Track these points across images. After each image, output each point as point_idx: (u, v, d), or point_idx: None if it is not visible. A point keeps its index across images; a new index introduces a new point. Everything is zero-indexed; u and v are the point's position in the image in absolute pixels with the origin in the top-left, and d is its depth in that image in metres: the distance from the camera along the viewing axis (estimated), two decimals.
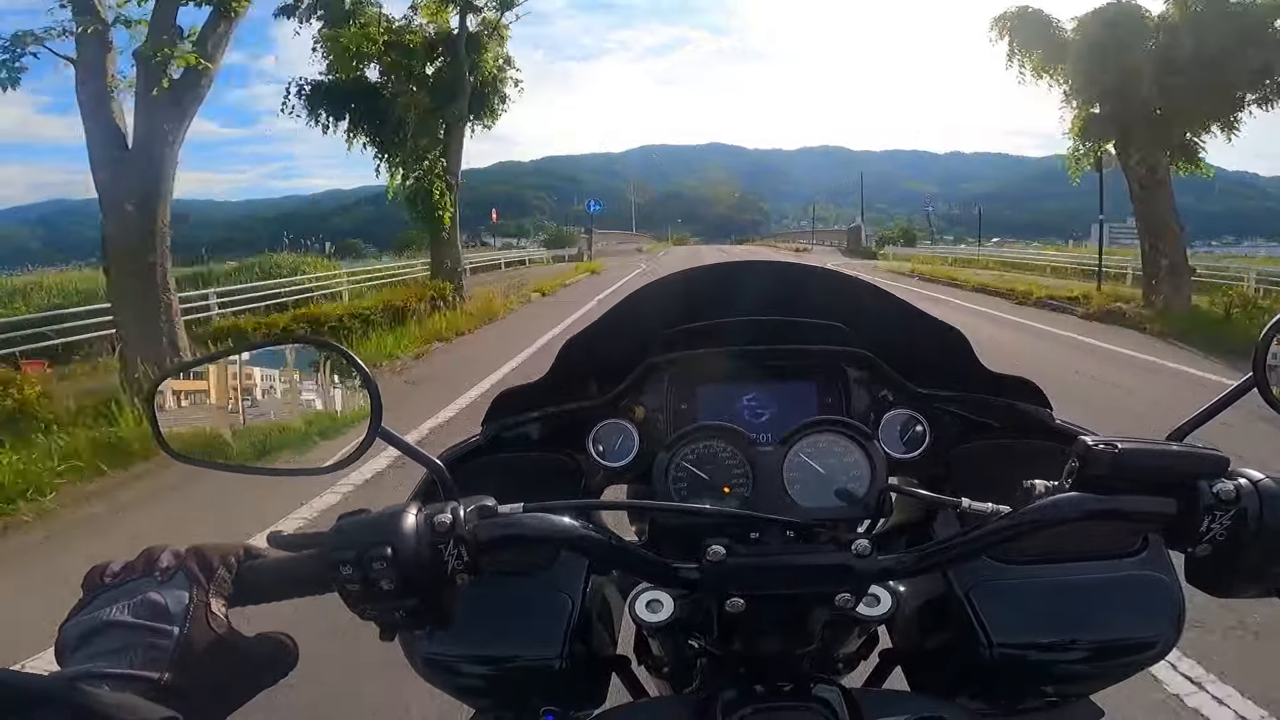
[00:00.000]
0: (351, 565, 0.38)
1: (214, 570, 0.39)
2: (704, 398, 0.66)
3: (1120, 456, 0.39)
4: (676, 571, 0.44)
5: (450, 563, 0.39)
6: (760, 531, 0.46)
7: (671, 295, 0.71)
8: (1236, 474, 0.39)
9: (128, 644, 0.35)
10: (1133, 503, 0.40)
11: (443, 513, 0.40)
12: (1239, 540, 0.38)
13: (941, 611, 0.58)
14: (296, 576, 0.41)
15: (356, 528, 0.39)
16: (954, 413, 0.65)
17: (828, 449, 0.56)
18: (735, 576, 0.44)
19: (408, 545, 0.38)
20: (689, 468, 0.56)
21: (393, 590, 0.38)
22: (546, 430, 0.67)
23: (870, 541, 0.44)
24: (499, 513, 0.42)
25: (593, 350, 0.69)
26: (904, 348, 0.66)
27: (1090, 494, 0.40)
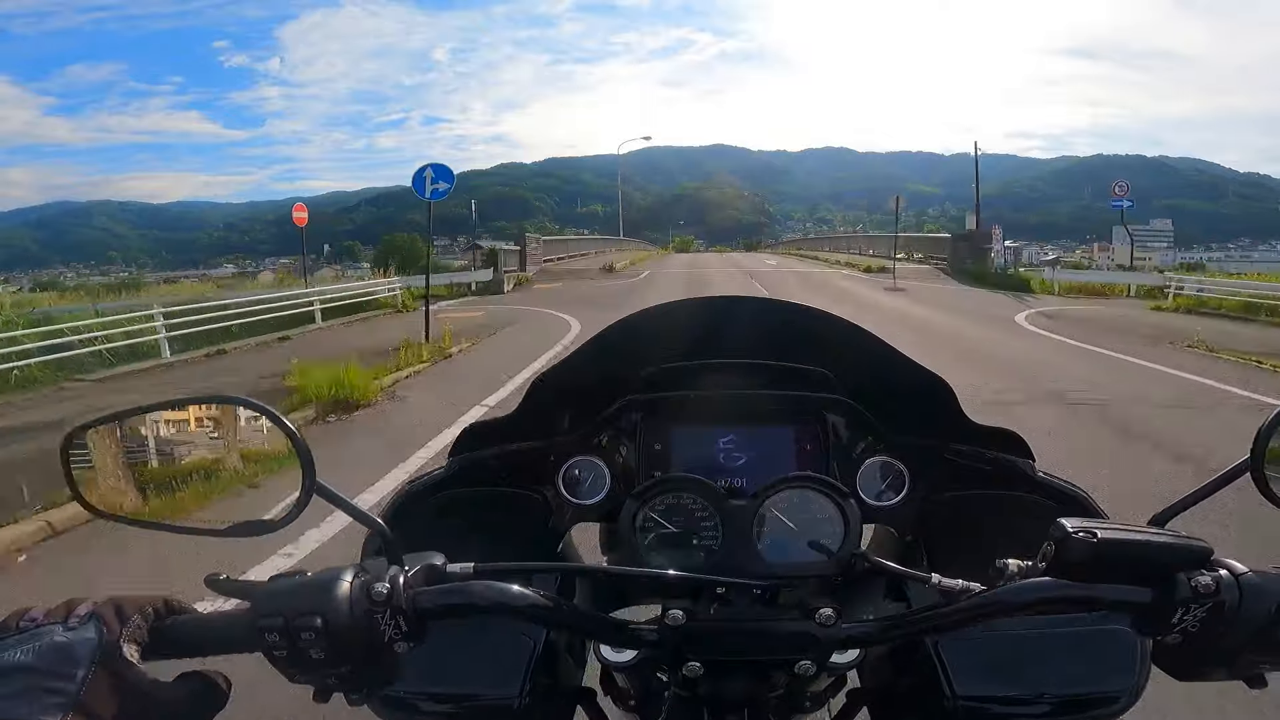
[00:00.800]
0: (278, 633, 0.37)
1: (128, 617, 0.38)
2: (679, 439, 0.65)
3: (1099, 546, 0.39)
4: (634, 633, 0.44)
5: (387, 632, 0.39)
6: (727, 589, 0.46)
7: (652, 330, 0.69)
8: (1218, 564, 0.39)
9: (27, 688, 0.34)
10: (1107, 591, 0.40)
11: (381, 580, 0.39)
12: (1212, 632, 0.38)
13: (909, 654, 0.58)
14: (221, 636, 0.40)
15: (286, 593, 0.38)
16: (935, 462, 0.65)
17: (802, 504, 0.55)
18: (694, 641, 0.44)
19: (339, 615, 0.37)
20: (656, 519, 0.55)
21: (323, 660, 0.38)
22: (514, 465, 0.66)
23: (835, 610, 0.43)
24: (447, 573, 0.41)
25: (566, 386, 0.68)
26: (888, 394, 0.66)
27: (1064, 580, 0.40)
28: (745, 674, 0.46)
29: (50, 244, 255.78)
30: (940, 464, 0.65)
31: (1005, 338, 8.76)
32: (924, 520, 0.64)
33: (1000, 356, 7.36)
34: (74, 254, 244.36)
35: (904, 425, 0.65)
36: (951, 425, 0.66)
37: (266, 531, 0.47)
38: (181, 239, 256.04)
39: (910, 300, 12.91)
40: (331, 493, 0.45)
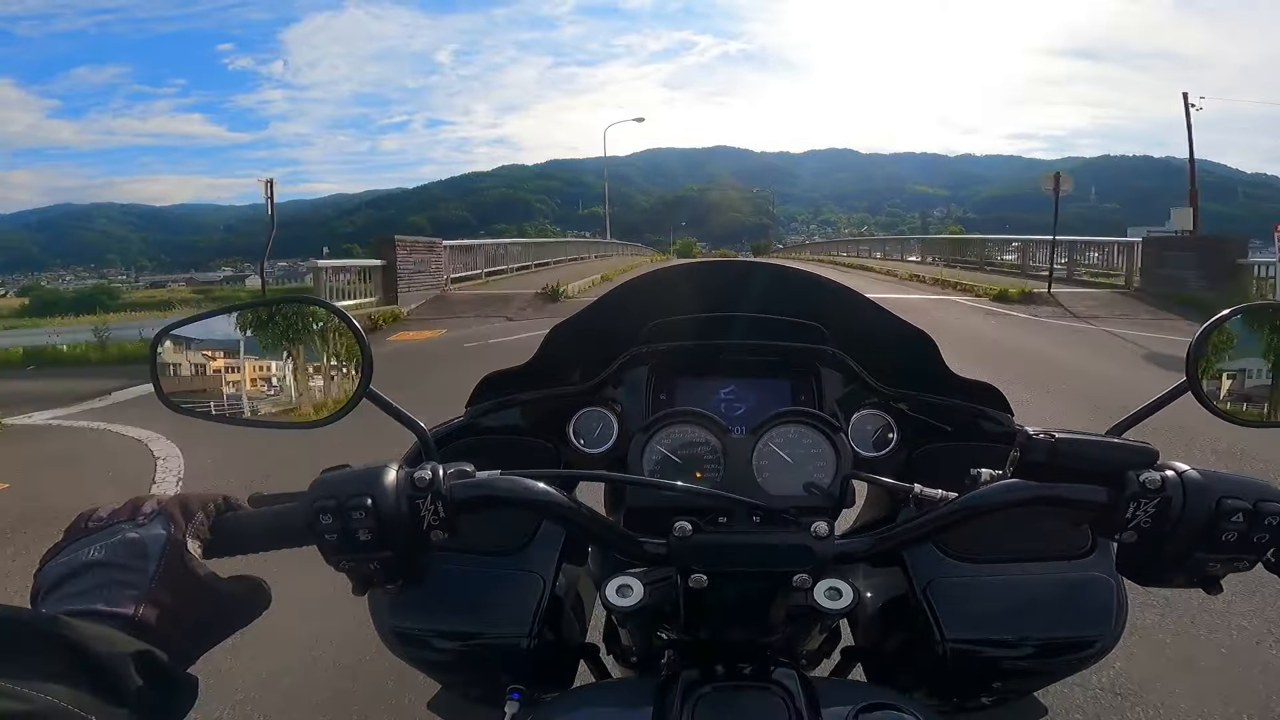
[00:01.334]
0: (331, 514, 0.40)
1: (193, 514, 0.41)
2: (682, 389, 0.69)
3: (1057, 445, 0.42)
4: (644, 545, 0.47)
5: (426, 518, 0.41)
6: (728, 514, 0.49)
7: (659, 289, 0.73)
8: (1164, 466, 0.42)
9: (103, 582, 0.36)
10: (1066, 490, 0.43)
11: (423, 470, 0.42)
12: (1162, 528, 0.41)
13: (900, 608, 0.61)
14: (276, 527, 0.43)
15: (339, 480, 0.41)
16: (920, 414, 0.69)
17: (797, 439, 0.58)
18: (699, 553, 0.46)
19: (387, 498, 0.40)
20: (663, 450, 0.58)
21: (369, 541, 0.40)
22: (528, 414, 0.70)
23: (828, 524, 0.46)
24: (475, 476, 0.44)
25: (578, 338, 0.72)
26: (876, 349, 0.70)
27: (1029, 480, 0.43)
28: (749, 588, 0.48)
29: (50, 246, 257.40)
30: (924, 416, 0.69)
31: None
32: (913, 468, 0.67)
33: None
34: (74, 256, 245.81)
35: (892, 378, 0.69)
36: (935, 378, 0.69)
37: (320, 425, 0.52)
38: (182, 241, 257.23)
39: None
40: (380, 396, 0.50)
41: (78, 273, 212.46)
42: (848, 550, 0.47)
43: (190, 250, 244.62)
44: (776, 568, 0.46)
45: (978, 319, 9.38)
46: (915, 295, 12.57)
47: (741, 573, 0.47)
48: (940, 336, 0.71)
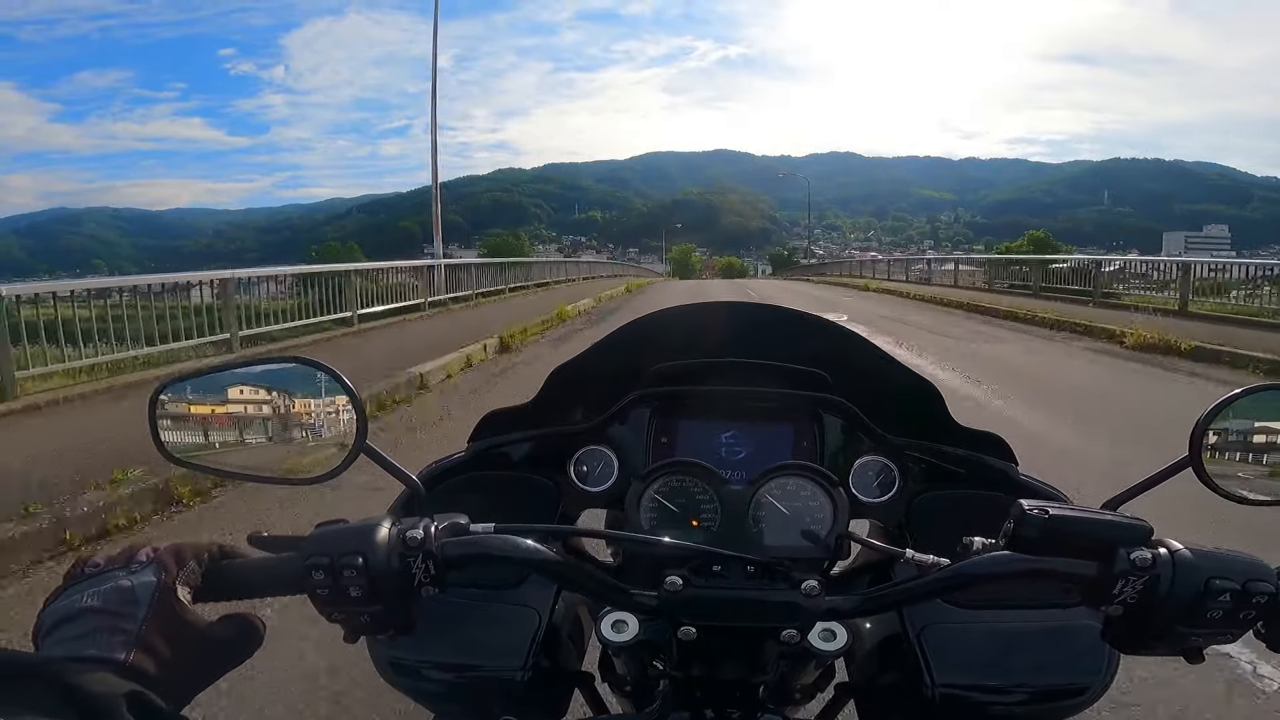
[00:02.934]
0: (324, 571, 0.42)
1: (185, 561, 0.43)
2: (684, 432, 0.71)
3: (1050, 522, 0.44)
4: (633, 597, 0.48)
5: (417, 575, 0.43)
6: (723, 565, 0.50)
7: (662, 331, 0.76)
8: (1158, 543, 0.44)
9: (96, 628, 0.38)
10: (1057, 564, 0.45)
11: (415, 528, 0.44)
12: (1149, 603, 0.43)
13: (895, 649, 0.63)
14: (269, 577, 0.45)
15: (333, 536, 0.43)
16: (923, 462, 0.70)
17: (795, 491, 0.60)
18: (689, 606, 0.47)
19: (379, 556, 0.42)
20: (660, 500, 0.60)
21: (360, 597, 0.42)
22: (529, 452, 0.72)
23: (819, 582, 0.48)
24: (469, 531, 0.46)
25: (580, 378, 0.74)
26: (881, 397, 0.71)
27: (1020, 554, 0.45)
28: (736, 642, 0.50)
29: (38, 251, 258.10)
30: (927, 464, 0.70)
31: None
32: (911, 516, 0.69)
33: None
34: (62, 261, 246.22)
35: (895, 426, 0.70)
36: (939, 428, 0.71)
37: (317, 481, 0.55)
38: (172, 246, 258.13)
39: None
40: (376, 451, 0.53)
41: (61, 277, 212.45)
42: (837, 608, 0.48)
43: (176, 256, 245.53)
44: (765, 623, 0.48)
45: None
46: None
47: (731, 627, 0.49)
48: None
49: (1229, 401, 0.54)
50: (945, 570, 0.47)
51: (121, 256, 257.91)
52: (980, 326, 10.27)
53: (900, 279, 22.60)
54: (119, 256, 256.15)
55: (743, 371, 0.72)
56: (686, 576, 0.48)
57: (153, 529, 2.84)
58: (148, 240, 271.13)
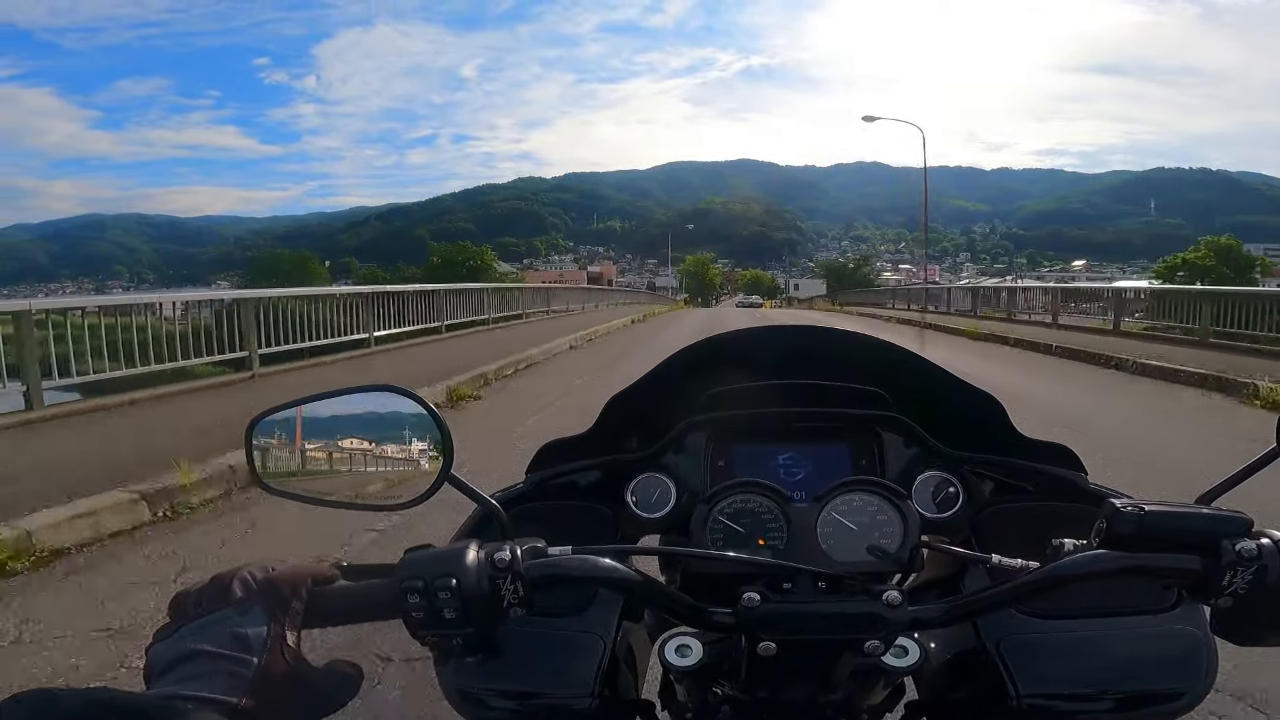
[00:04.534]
0: (419, 594, 0.43)
1: (288, 602, 0.44)
2: (741, 456, 0.71)
3: (1147, 518, 0.43)
4: (712, 615, 0.49)
5: (506, 596, 0.44)
6: (793, 581, 0.51)
7: (716, 356, 0.76)
8: (1259, 534, 0.43)
9: (210, 670, 0.40)
10: (1157, 559, 0.44)
11: (501, 551, 0.45)
12: (1260, 593, 0.42)
13: (969, 664, 0.62)
14: (366, 603, 0.46)
15: (425, 560, 0.45)
16: (987, 475, 0.70)
17: (861, 507, 0.59)
18: (769, 622, 0.48)
19: (470, 578, 0.44)
20: (725, 521, 0.60)
21: (454, 619, 0.44)
22: (587, 480, 0.73)
23: (901, 592, 0.48)
24: (548, 553, 0.48)
25: (635, 407, 0.75)
26: (940, 412, 0.71)
27: (1117, 551, 0.45)
28: (811, 658, 0.51)
29: (62, 256, 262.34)
30: (992, 477, 0.70)
31: None
32: (977, 531, 0.68)
33: None
34: (85, 267, 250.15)
35: (956, 441, 0.70)
36: (1003, 440, 0.70)
37: (405, 507, 0.57)
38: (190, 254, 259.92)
39: None
40: (460, 480, 0.54)
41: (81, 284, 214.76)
42: (921, 617, 0.48)
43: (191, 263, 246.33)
44: (848, 635, 0.48)
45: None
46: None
47: (812, 640, 0.49)
48: None
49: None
50: (1038, 572, 0.47)
51: (142, 264, 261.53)
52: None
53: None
54: (140, 263, 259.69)
55: (798, 394, 0.73)
56: (763, 593, 0.49)
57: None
58: (171, 247, 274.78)
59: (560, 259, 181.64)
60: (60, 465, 3.60)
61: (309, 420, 0.58)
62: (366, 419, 0.58)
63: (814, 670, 0.52)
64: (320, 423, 0.58)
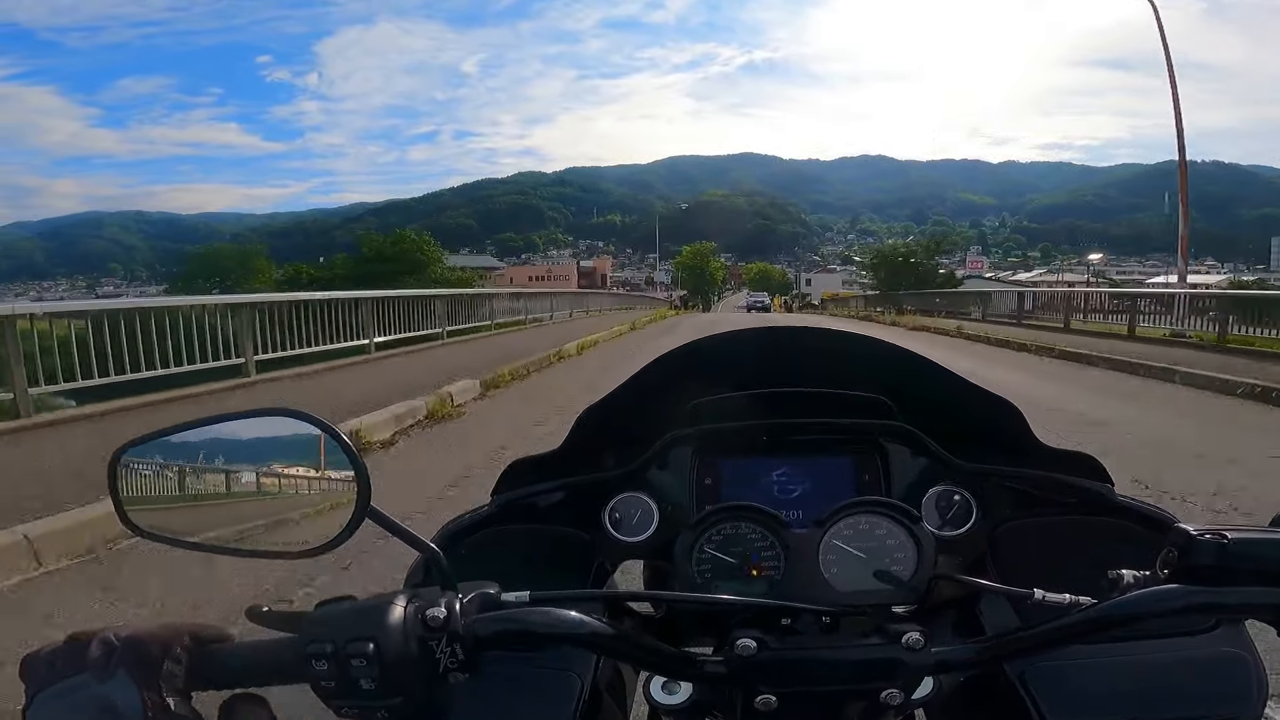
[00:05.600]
0: (327, 660, 0.37)
1: (158, 664, 0.38)
2: (730, 473, 0.65)
3: (1230, 546, 0.38)
4: (702, 666, 0.44)
5: (443, 661, 0.38)
6: (792, 619, 0.46)
7: (699, 362, 0.69)
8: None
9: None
10: (1242, 594, 0.39)
11: (436, 605, 0.39)
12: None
13: (987, 694, 0.56)
14: (264, 666, 0.40)
15: (336, 618, 0.38)
16: (1005, 488, 0.64)
17: (869, 531, 0.53)
18: (768, 671, 0.42)
19: (393, 641, 0.37)
20: (713, 551, 0.54)
21: (373, 690, 0.37)
22: (559, 502, 0.67)
23: (922, 633, 0.42)
24: (502, 601, 0.42)
25: (611, 420, 0.69)
26: (950, 421, 0.65)
27: (1192, 585, 0.39)
28: (821, 708, 0.45)
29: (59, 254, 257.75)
30: (1010, 490, 0.64)
31: None
32: (995, 548, 0.62)
33: None
34: (80, 265, 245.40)
35: (969, 452, 0.64)
36: (1020, 450, 0.64)
37: (313, 555, 0.47)
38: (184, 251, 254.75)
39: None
40: (385, 516, 0.46)
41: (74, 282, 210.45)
42: (950, 660, 0.42)
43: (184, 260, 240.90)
44: (863, 685, 0.43)
45: None
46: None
47: (819, 691, 0.44)
48: None
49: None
50: (1095, 609, 0.41)
51: (137, 261, 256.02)
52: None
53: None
54: (135, 261, 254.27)
55: (792, 402, 0.66)
56: (759, 637, 0.43)
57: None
58: (167, 244, 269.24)
59: (559, 254, 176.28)
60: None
61: (189, 450, 0.49)
62: (260, 448, 0.49)
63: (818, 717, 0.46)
64: (203, 453, 0.49)
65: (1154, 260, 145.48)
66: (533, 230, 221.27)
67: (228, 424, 0.49)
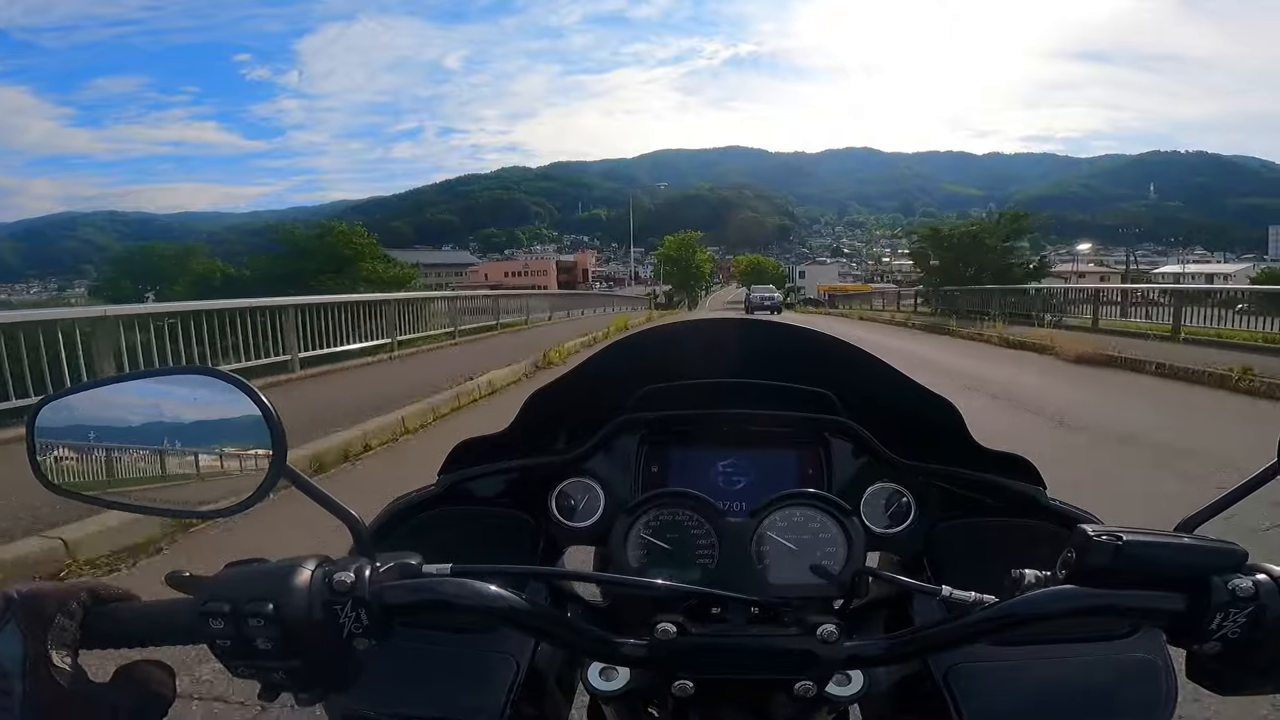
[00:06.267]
0: (224, 620, 0.37)
1: (50, 619, 0.37)
2: (676, 461, 0.66)
3: (1125, 549, 0.38)
4: (619, 648, 0.44)
5: (346, 625, 0.38)
6: (723, 608, 0.46)
7: (652, 349, 0.70)
8: (1255, 568, 0.38)
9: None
10: (1135, 598, 0.39)
11: (345, 571, 0.39)
12: (1254, 638, 0.38)
13: (916, 692, 0.57)
14: (161, 625, 0.39)
15: (237, 579, 0.38)
16: (941, 488, 0.65)
17: (803, 523, 0.54)
18: (685, 657, 0.43)
19: (295, 603, 0.37)
20: (648, 537, 0.54)
21: (270, 650, 0.37)
22: (506, 485, 0.66)
23: (838, 626, 0.43)
24: (422, 572, 0.41)
25: (560, 404, 0.68)
26: (893, 418, 0.66)
27: (1087, 587, 0.39)
28: (740, 697, 0.45)
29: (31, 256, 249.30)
30: (946, 490, 0.65)
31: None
32: (930, 547, 0.63)
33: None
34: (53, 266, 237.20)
35: (909, 450, 0.65)
36: (958, 450, 0.65)
37: (226, 514, 0.46)
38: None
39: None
40: (301, 478, 0.45)
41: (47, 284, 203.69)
42: (860, 654, 0.43)
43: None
44: (775, 675, 0.44)
45: None
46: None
47: (734, 680, 0.44)
48: None
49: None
50: (994, 609, 0.42)
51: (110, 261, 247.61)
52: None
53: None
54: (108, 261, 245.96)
55: (740, 394, 0.66)
56: (680, 623, 0.43)
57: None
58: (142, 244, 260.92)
59: (544, 248, 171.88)
60: None
61: (108, 406, 0.48)
62: (179, 407, 0.48)
63: (742, 709, 0.46)
64: (122, 410, 0.48)
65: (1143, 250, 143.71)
66: (516, 225, 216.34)
67: (147, 381, 0.49)
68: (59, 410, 0.47)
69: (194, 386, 0.47)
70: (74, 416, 0.47)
